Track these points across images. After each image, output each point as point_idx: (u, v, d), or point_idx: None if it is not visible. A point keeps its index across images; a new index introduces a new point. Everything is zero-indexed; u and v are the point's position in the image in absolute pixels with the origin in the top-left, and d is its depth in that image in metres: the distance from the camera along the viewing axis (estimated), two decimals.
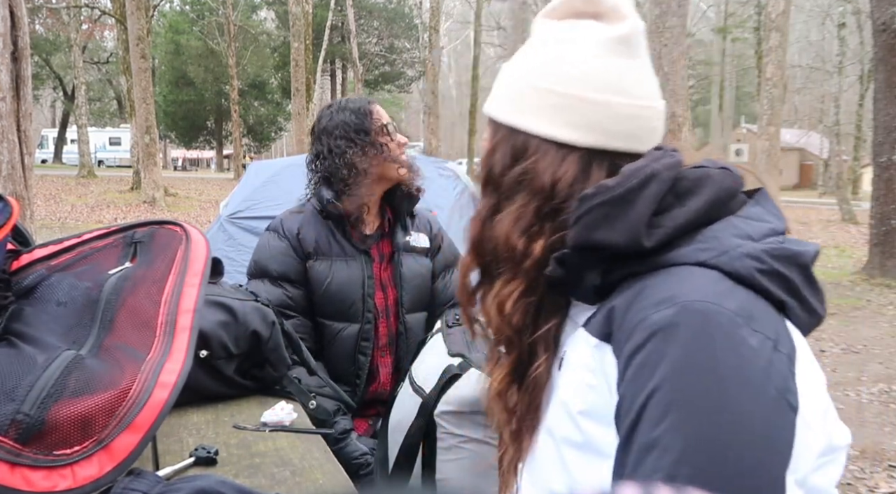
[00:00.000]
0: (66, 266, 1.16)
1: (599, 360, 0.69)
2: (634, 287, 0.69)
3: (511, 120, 0.79)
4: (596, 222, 0.70)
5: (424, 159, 4.65)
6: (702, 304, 0.62)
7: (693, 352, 0.61)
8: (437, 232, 1.99)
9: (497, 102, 0.82)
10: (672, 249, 0.69)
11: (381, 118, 1.84)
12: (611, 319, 0.68)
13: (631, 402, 0.62)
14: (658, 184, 0.70)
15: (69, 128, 32.81)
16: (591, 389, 0.69)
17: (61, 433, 0.86)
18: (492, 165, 0.80)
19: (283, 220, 1.89)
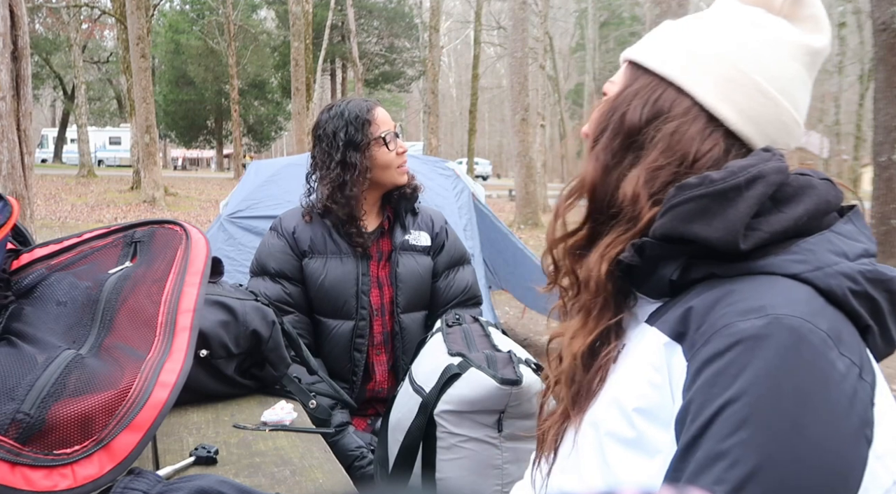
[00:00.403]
0: (66, 265, 1.16)
1: (667, 359, 0.66)
2: (718, 289, 0.66)
3: (670, 71, 0.75)
4: (692, 214, 0.66)
5: (424, 159, 4.65)
6: (795, 320, 0.60)
7: (779, 369, 0.58)
8: (440, 229, 1.98)
9: (654, 51, 0.78)
10: (764, 256, 0.66)
11: (379, 127, 1.83)
12: (687, 319, 0.66)
13: (700, 408, 0.60)
14: (763, 186, 0.67)
15: (69, 127, 32.81)
16: (653, 388, 0.67)
17: (61, 432, 0.86)
18: (625, 111, 0.76)
19: (282, 219, 1.93)
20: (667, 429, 0.64)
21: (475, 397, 1.38)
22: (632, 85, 0.77)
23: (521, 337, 5.42)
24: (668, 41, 0.78)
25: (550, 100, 27.82)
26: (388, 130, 1.84)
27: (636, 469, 0.66)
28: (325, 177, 1.84)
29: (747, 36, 0.75)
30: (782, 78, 0.74)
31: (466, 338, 1.61)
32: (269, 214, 3.63)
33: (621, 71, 0.81)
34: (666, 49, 0.77)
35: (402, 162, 1.86)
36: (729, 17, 0.77)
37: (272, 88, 35.19)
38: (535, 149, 15.43)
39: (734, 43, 0.74)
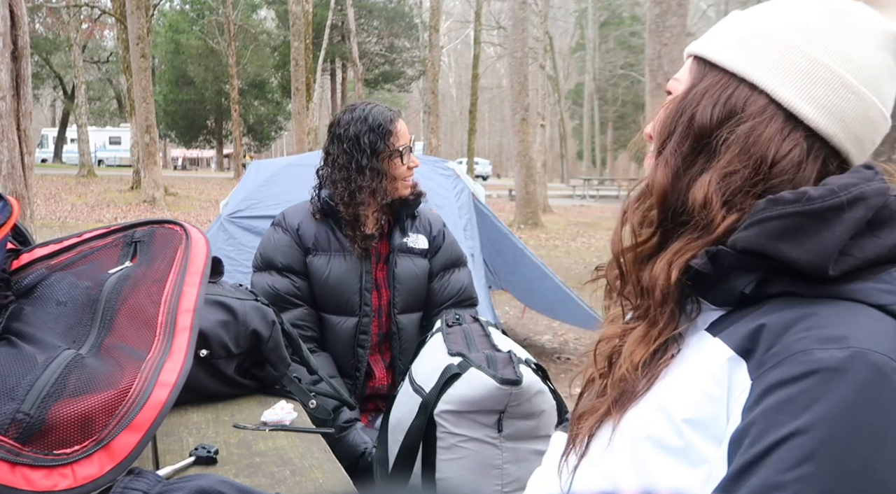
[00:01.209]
0: (66, 265, 1.16)
1: (728, 374, 0.63)
2: (795, 309, 0.62)
3: (741, 66, 0.69)
4: (782, 232, 0.62)
5: (424, 159, 4.65)
6: (879, 356, 0.56)
7: (855, 406, 0.54)
8: (438, 232, 2.01)
9: (722, 44, 0.72)
10: (850, 281, 0.62)
11: (399, 139, 1.87)
12: (757, 337, 0.62)
13: (762, 433, 0.57)
14: (864, 210, 0.62)
15: (69, 127, 32.80)
16: (709, 400, 0.63)
17: (61, 432, 0.86)
18: (695, 111, 0.71)
19: (285, 215, 1.96)
20: (716, 444, 0.62)
21: (475, 397, 1.38)
22: (699, 82, 0.72)
23: (521, 337, 5.42)
24: (737, 33, 0.72)
25: (550, 100, 27.82)
26: (406, 144, 1.88)
27: (676, 477, 0.64)
28: (339, 177, 1.86)
29: (827, 24, 0.69)
30: (867, 69, 0.68)
31: (466, 338, 1.61)
32: (269, 214, 3.62)
33: (686, 67, 0.76)
34: (735, 42, 0.71)
35: (410, 175, 1.90)
36: (805, 3, 0.71)
37: (272, 88, 35.19)
38: (535, 149, 15.42)
39: (812, 32, 0.68)
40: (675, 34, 6.80)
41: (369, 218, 1.91)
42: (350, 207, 1.85)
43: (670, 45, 6.78)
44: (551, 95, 28.46)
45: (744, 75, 0.69)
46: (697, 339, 0.69)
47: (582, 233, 13.54)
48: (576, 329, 5.61)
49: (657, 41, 6.84)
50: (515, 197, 14.87)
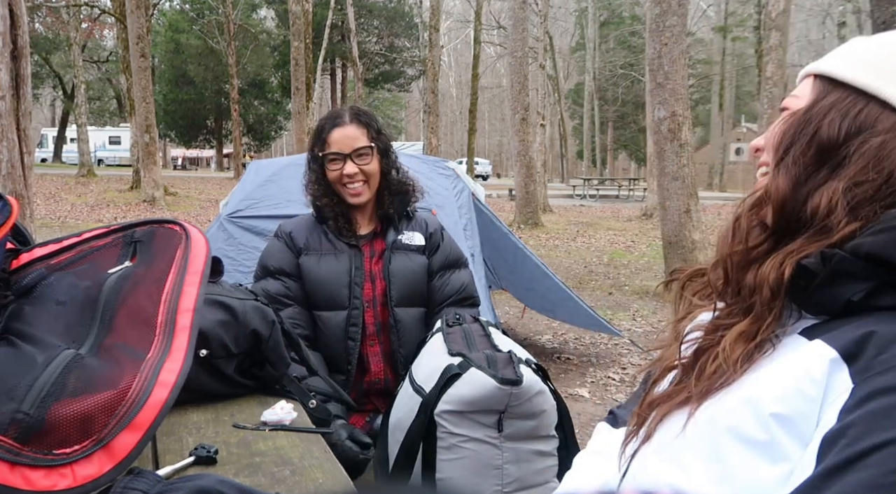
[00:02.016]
0: (66, 265, 1.16)
1: (829, 375, 0.63)
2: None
3: (872, 83, 0.71)
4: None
5: (424, 158, 4.65)
6: None
7: None
8: (434, 231, 2.05)
9: (848, 64, 0.74)
10: None
11: (330, 147, 1.93)
12: (865, 343, 0.62)
13: (862, 435, 0.57)
14: None
15: (69, 127, 32.81)
16: (802, 398, 0.64)
17: (61, 432, 0.85)
18: (822, 123, 0.72)
19: (281, 225, 2.06)
20: (800, 443, 0.62)
21: (475, 397, 1.38)
22: (825, 98, 0.74)
23: (521, 337, 5.42)
24: (865, 54, 0.74)
25: (550, 99, 27.82)
26: (332, 152, 1.92)
27: (753, 470, 0.64)
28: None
29: None
30: None
31: (467, 338, 1.61)
32: (269, 214, 3.63)
33: (806, 85, 0.77)
34: (862, 62, 0.74)
35: (349, 182, 1.92)
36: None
37: (272, 88, 35.19)
38: (535, 148, 15.42)
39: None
40: (675, 34, 6.80)
41: (362, 218, 1.99)
42: (321, 205, 1.96)
43: (670, 44, 6.77)
44: (551, 95, 28.46)
45: (875, 92, 0.71)
46: (791, 341, 0.70)
47: (582, 233, 13.54)
48: (576, 329, 5.62)
49: (657, 41, 6.83)
50: (515, 196, 14.88)
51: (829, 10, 26.27)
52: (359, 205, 1.95)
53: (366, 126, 1.93)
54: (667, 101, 6.76)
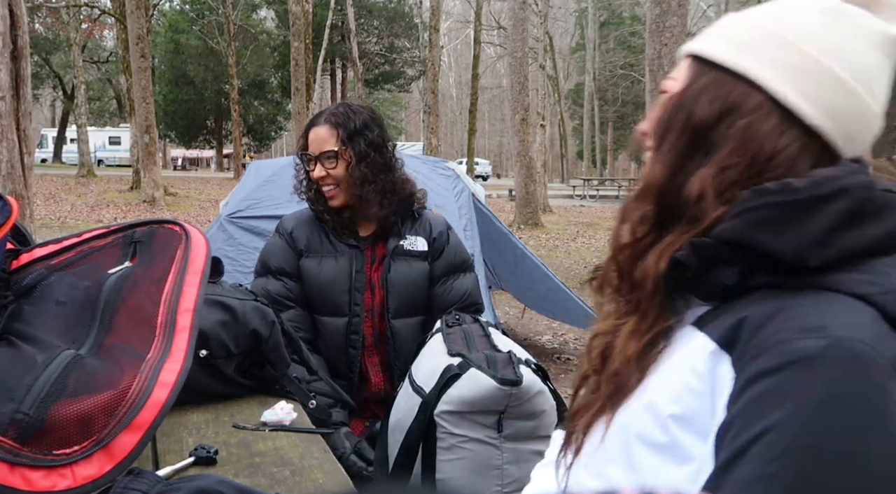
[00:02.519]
0: (66, 265, 1.16)
1: (712, 368, 0.63)
2: (777, 300, 0.62)
3: (740, 63, 0.70)
4: (766, 222, 0.63)
5: (424, 159, 4.65)
6: (858, 345, 0.56)
7: (835, 394, 0.55)
8: (439, 234, 1.96)
9: (720, 43, 0.72)
10: (832, 271, 0.62)
11: (309, 145, 1.87)
12: (739, 329, 0.62)
13: (744, 426, 0.57)
14: (847, 202, 0.63)
15: (69, 127, 32.80)
16: (693, 394, 0.64)
17: (61, 432, 0.85)
18: (692, 108, 0.71)
19: (283, 220, 2.00)
20: (702, 439, 0.62)
21: (475, 397, 1.38)
22: (698, 80, 0.72)
23: (521, 337, 5.42)
24: (735, 32, 0.73)
25: (550, 100, 27.82)
26: (306, 153, 1.87)
27: (664, 474, 0.64)
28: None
29: (824, 24, 0.70)
30: (863, 68, 0.69)
31: (466, 339, 1.61)
32: (269, 214, 3.63)
33: (682, 66, 0.76)
34: (733, 40, 0.72)
35: (323, 184, 1.86)
36: (802, 3, 0.72)
37: (272, 88, 35.17)
38: (535, 148, 15.42)
39: (810, 31, 0.69)
40: (675, 34, 6.80)
41: (362, 220, 1.91)
42: (314, 209, 1.92)
43: (670, 45, 6.77)
44: (551, 95, 28.46)
45: (742, 72, 0.70)
46: (685, 334, 0.70)
47: (582, 233, 13.53)
48: (576, 329, 5.61)
49: (657, 41, 6.83)
50: (515, 197, 14.87)
51: None
52: (335, 207, 1.87)
53: (337, 127, 1.83)
54: None
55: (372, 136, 1.84)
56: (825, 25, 0.70)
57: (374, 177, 1.83)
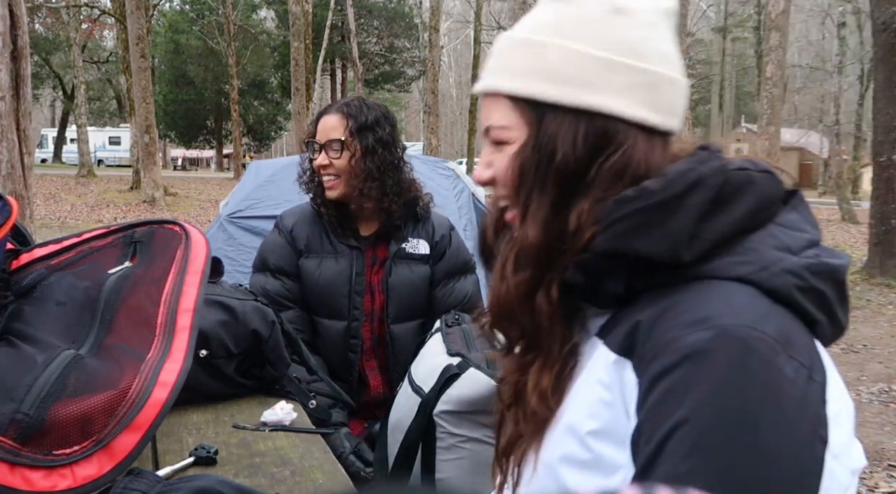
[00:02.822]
0: (66, 265, 1.16)
1: (617, 376, 0.64)
2: (663, 300, 0.64)
3: (585, 100, 0.68)
4: (633, 229, 0.64)
5: (424, 159, 4.64)
6: (741, 329, 0.58)
7: (728, 384, 0.57)
8: (441, 237, 1.93)
9: (538, 80, 0.69)
10: (708, 259, 0.64)
11: (317, 133, 1.83)
12: (634, 334, 0.64)
13: (653, 430, 0.59)
14: (704, 191, 0.64)
15: (69, 127, 32.80)
16: (605, 406, 0.64)
17: (61, 432, 0.85)
18: (555, 157, 0.68)
19: (283, 216, 1.95)
20: (622, 447, 0.62)
21: (474, 397, 1.38)
22: (544, 126, 0.69)
23: None
24: (547, 62, 0.69)
25: None
26: (312, 140, 1.83)
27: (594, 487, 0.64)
28: None
29: (624, 29, 0.69)
30: (668, 55, 0.71)
31: (466, 338, 1.61)
32: (269, 214, 3.62)
33: (504, 110, 0.71)
34: (555, 74, 0.69)
35: (321, 173, 1.82)
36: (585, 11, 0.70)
37: (272, 88, 35.18)
38: None
39: (620, 43, 0.69)
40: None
41: (362, 218, 1.88)
42: (315, 202, 1.86)
43: None
44: None
45: (595, 109, 0.68)
46: (591, 346, 0.70)
47: None
48: None
49: None
50: None
51: (829, 10, 26.31)
52: (332, 197, 1.82)
53: (347, 117, 1.79)
54: None
55: (382, 133, 1.82)
56: (625, 30, 0.70)
57: (380, 175, 1.80)
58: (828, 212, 18.93)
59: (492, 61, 0.74)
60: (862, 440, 2.02)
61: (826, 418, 0.59)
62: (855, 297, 7.40)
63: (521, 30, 0.73)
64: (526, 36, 0.72)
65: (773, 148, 11.26)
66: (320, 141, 1.81)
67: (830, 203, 20.57)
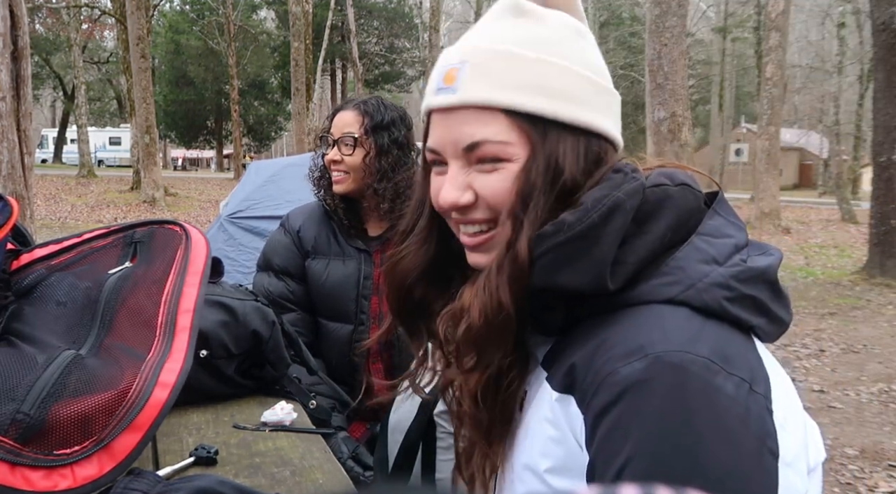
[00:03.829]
0: (66, 265, 1.16)
1: (563, 412, 0.64)
2: (598, 331, 0.63)
3: (582, 118, 0.68)
4: (557, 263, 0.63)
5: None
6: (675, 355, 0.58)
7: (668, 412, 0.56)
8: None
9: (545, 94, 0.68)
10: (635, 284, 0.64)
11: (332, 128, 1.82)
12: (573, 373, 0.63)
13: (605, 467, 0.58)
14: (622, 216, 0.63)
15: (69, 127, 32.81)
16: (556, 444, 0.64)
17: (61, 432, 0.86)
18: (565, 176, 0.67)
19: (290, 216, 1.93)
20: (581, 480, 0.62)
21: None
22: (545, 141, 0.67)
23: None
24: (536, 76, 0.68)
25: None
26: (326, 134, 1.82)
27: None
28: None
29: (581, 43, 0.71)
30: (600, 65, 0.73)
31: None
32: (269, 214, 3.63)
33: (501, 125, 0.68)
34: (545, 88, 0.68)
35: (332, 168, 1.80)
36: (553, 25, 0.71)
37: (272, 88, 35.18)
38: None
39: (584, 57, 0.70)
40: (674, 35, 6.80)
41: (371, 219, 1.86)
42: (326, 195, 1.84)
43: (670, 45, 6.77)
44: None
45: (590, 127, 0.69)
46: (537, 376, 0.70)
47: None
48: None
49: (657, 41, 6.83)
50: None
51: (829, 10, 26.31)
52: (339, 193, 1.81)
53: (364, 115, 1.78)
54: (666, 102, 6.76)
55: (398, 134, 1.81)
56: (590, 52, 0.72)
57: (393, 175, 1.79)
58: (828, 212, 18.93)
59: (470, 72, 0.69)
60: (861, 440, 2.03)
61: (773, 429, 0.58)
62: (855, 297, 7.40)
63: (497, 42, 0.70)
64: (508, 48, 0.69)
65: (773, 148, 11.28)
66: (334, 135, 1.80)
67: (830, 203, 20.57)
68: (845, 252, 11.59)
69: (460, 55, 0.71)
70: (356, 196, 1.82)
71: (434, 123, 0.73)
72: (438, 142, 0.72)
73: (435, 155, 0.73)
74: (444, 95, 0.70)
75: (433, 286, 0.78)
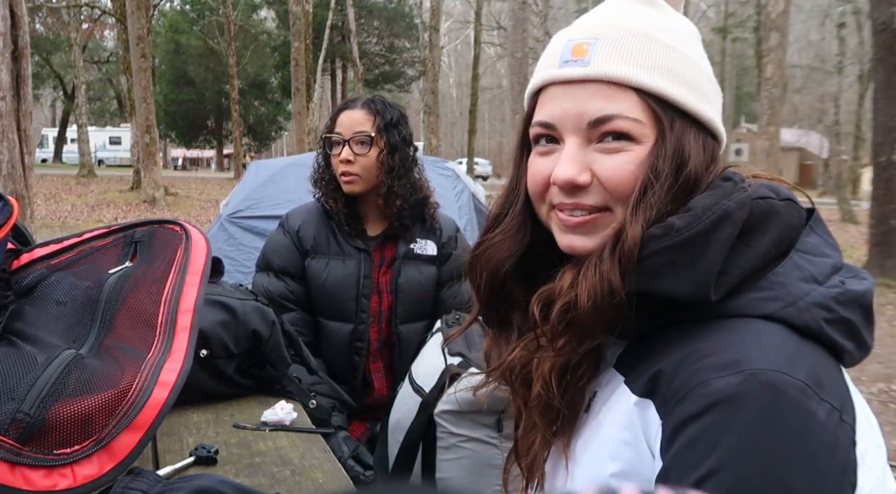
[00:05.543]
0: (67, 265, 1.16)
1: (639, 416, 0.62)
2: (687, 341, 0.61)
3: (706, 112, 0.68)
4: (661, 268, 0.61)
5: (424, 159, 4.64)
6: (772, 374, 0.56)
7: (760, 432, 0.55)
8: (448, 238, 1.93)
9: (672, 81, 0.66)
10: (733, 296, 0.62)
11: (335, 129, 1.81)
12: (658, 379, 0.61)
13: (682, 476, 0.56)
14: (731, 226, 0.62)
15: (69, 127, 32.81)
16: (628, 447, 0.63)
17: (61, 432, 0.86)
18: (689, 167, 0.65)
19: (289, 216, 1.93)
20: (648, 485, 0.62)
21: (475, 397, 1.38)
22: (672, 130, 0.66)
23: None
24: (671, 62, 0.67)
25: None
26: (335, 133, 1.81)
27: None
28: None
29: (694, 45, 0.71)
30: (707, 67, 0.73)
31: (466, 338, 1.61)
32: (270, 214, 3.63)
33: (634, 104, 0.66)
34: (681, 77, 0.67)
35: (344, 168, 1.79)
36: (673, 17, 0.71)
37: (272, 88, 35.19)
38: None
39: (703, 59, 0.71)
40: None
41: (370, 218, 1.87)
42: (327, 196, 1.84)
43: None
44: None
45: (707, 121, 0.69)
46: (608, 378, 0.69)
47: None
48: None
49: None
50: None
51: (829, 10, 26.34)
52: (351, 193, 1.81)
53: (375, 114, 1.79)
54: None
55: (405, 132, 1.84)
56: (701, 51, 0.71)
57: (405, 172, 1.81)
58: (828, 212, 18.91)
59: (605, 47, 0.66)
60: None
61: (855, 462, 0.57)
62: None
63: (631, 23, 0.68)
64: (644, 30, 0.67)
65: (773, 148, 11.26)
66: (344, 135, 1.79)
67: (830, 203, 20.56)
68: (845, 252, 11.54)
69: (591, 30, 0.69)
70: (368, 194, 1.83)
71: (552, 96, 0.69)
72: (558, 115, 0.68)
73: (548, 129, 0.69)
74: (573, 67, 0.67)
75: (521, 272, 0.75)
